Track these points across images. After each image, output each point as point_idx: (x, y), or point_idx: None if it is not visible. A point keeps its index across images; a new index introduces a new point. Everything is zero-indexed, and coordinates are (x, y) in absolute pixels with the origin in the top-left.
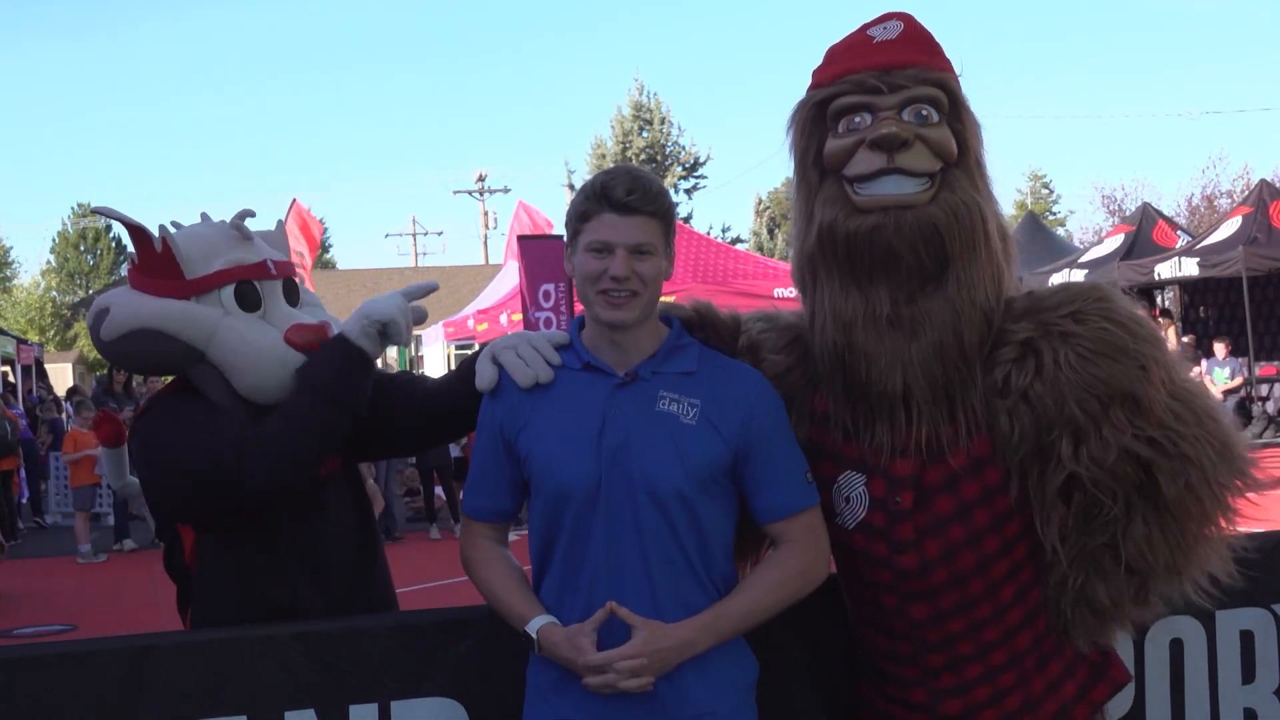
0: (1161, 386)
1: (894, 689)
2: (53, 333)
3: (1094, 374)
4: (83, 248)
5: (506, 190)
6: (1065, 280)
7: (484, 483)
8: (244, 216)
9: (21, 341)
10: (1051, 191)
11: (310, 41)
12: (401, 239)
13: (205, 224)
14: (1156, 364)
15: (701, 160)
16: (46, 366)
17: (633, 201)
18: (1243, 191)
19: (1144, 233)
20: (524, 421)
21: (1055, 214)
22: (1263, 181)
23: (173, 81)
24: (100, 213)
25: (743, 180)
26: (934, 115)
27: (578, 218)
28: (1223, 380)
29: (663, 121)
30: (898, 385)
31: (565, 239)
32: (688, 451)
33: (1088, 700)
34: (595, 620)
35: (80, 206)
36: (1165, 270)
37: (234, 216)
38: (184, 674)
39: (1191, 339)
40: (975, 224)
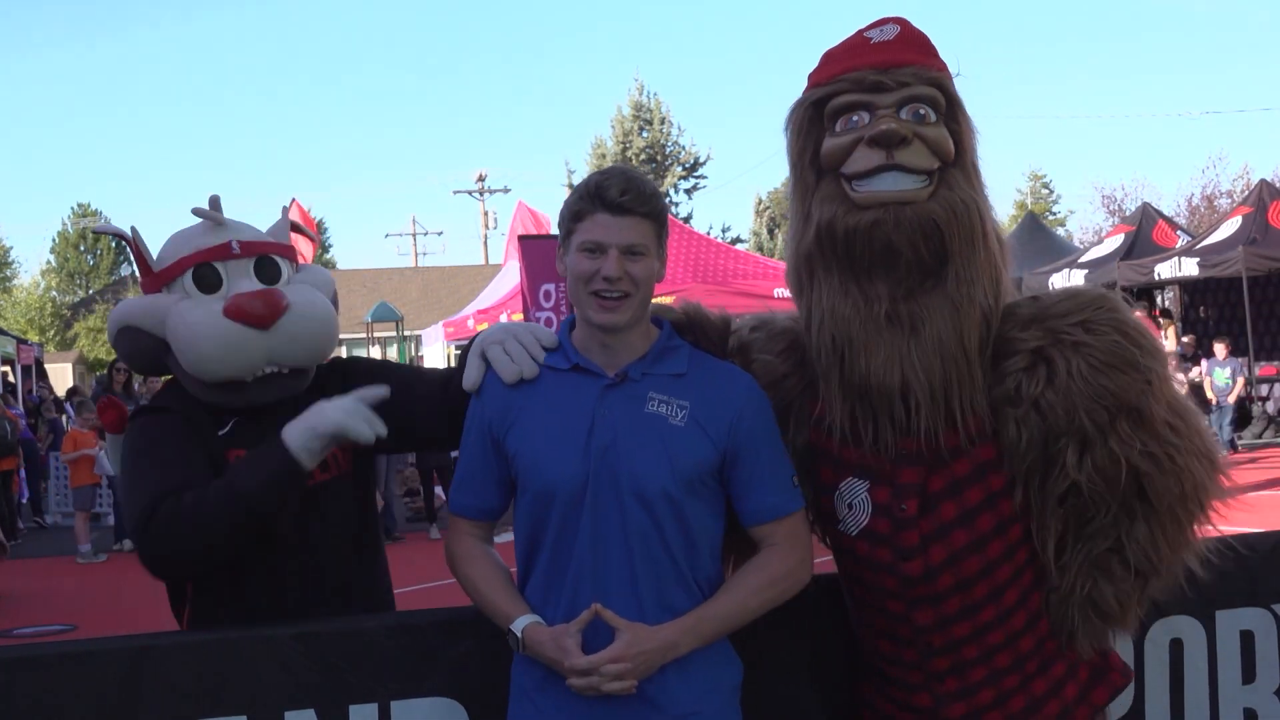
0: (1162, 400)
1: (897, 692)
2: (53, 333)
3: (1104, 385)
4: (83, 248)
5: (506, 190)
6: (1065, 280)
7: (471, 481)
8: (212, 203)
9: (21, 341)
10: (1051, 191)
11: (310, 41)
12: (401, 239)
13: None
14: (1160, 378)
15: (701, 160)
16: (46, 366)
17: (626, 202)
18: (1243, 191)
19: (1144, 233)
20: (512, 420)
21: (1055, 214)
22: (1263, 181)
23: (173, 81)
24: (100, 231)
25: (743, 180)
26: (931, 115)
27: (571, 217)
28: (1223, 380)
29: (663, 121)
30: (896, 381)
31: (558, 239)
32: (676, 453)
33: (1089, 702)
34: (580, 621)
35: (80, 206)
36: (1165, 270)
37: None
38: (184, 674)
39: (1191, 339)
40: (974, 222)
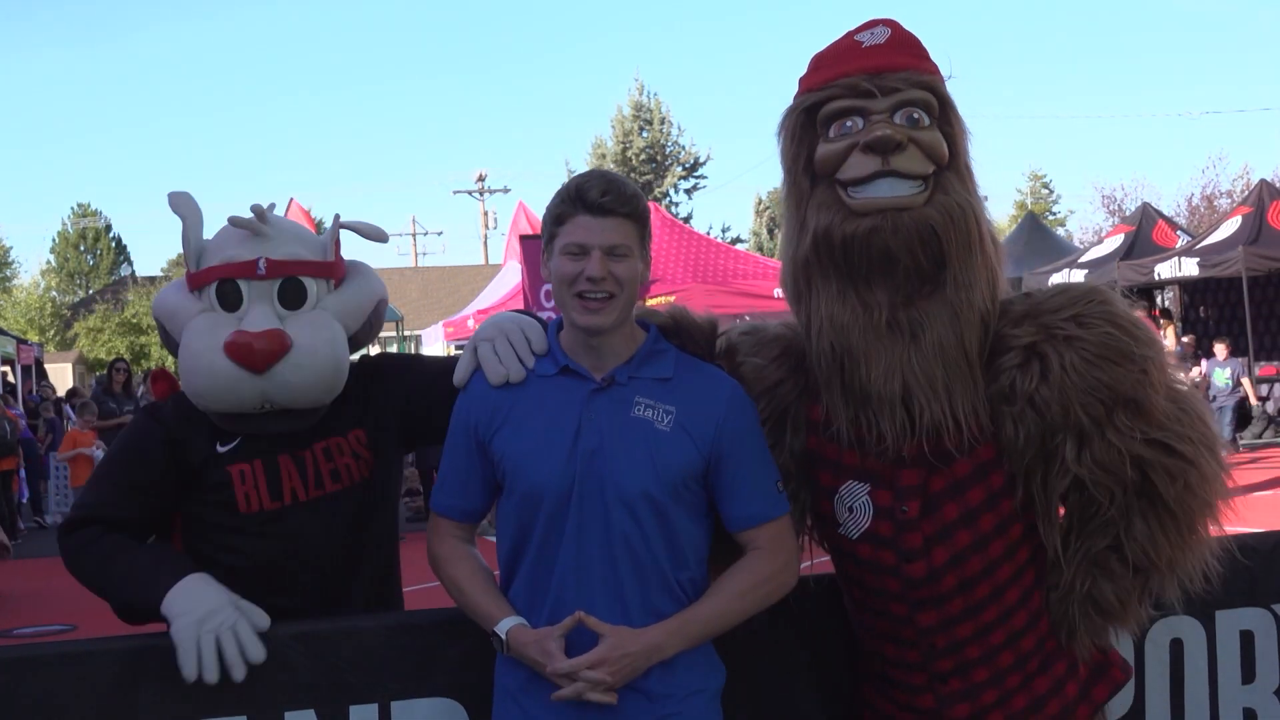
0: (1160, 389)
1: (900, 694)
2: (53, 333)
3: (1098, 377)
4: (83, 248)
5: (506, 190)
6: (1065, 280)
7: (454, 481)
8: (256, 212)
9: (21, 341)
10: (1051, 191)
11: (310, 41)
12: (401, 239)
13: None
14: (1156, 367)
15: (701, 160)
16: (46, 366)
17: (607, 203)
18: (1243, 191)
19: (1144, 233)
20: (500, 423)
21: (1055, 214)
22: (1263, 181)
23: (173, 81)
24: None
25: (743, 180)
26: (925, 119)
27: (553, 221)
28: (1223, 380)
29: (663, 121)
30: (898, 389)
31: (542, 243)
32: (661, 458)
33: (1089, 700)
34: (564, 626)
35: (80, 206)
36: (1165, 270)
37: (250, 211)
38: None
39: (1191, 339)
40: (970, 225)
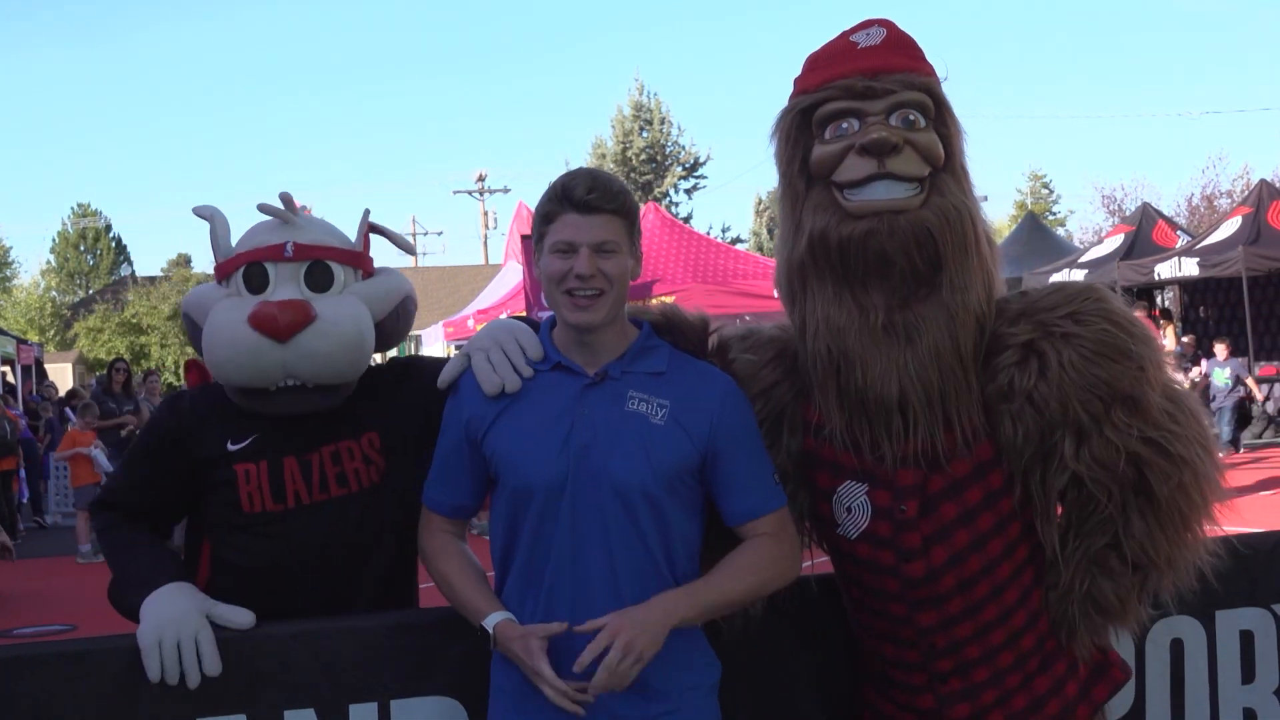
0: (1157, 386)
1: (900, 695)
2: (53, 333)
3: (1096, 374)
4: (83, 248)
5: (506, 190)
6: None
7: (445, 478)
8: (285, 199)
9: (21, 341)
10: (1051, 191)
11: (310, 41)
12: None
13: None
14: (1153, 365)
15: (701, 160)
16: (46, 366)
17: (593, 200)
18: (1243, 191)
19: (1144, 233)
20: (493, 419)
21: (1055, 214)
22: (1263, 181)
23: (172, 81)
24: (197, 213)
25: (743, 180)
26: (921, 120)
27: (542, 220)
28: (1222, 380)
29: (663, 121)
30: (894, 392)
31: (532, 243)
32: (656, 452)
33: (1089, 700)
34: (550, 629)
35: (80, 206)
36: (1165, 270)
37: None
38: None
39: (1191, 339)
40: (966, 228)
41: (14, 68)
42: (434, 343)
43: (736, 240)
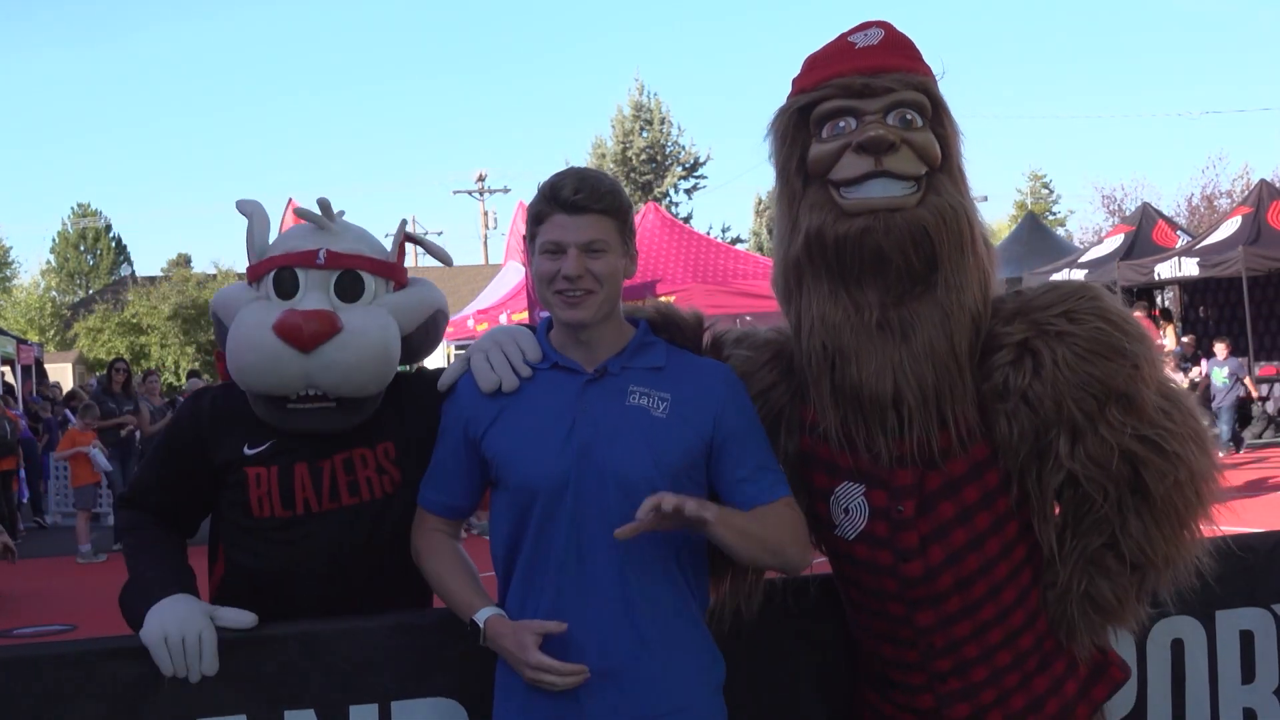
0: (1152, 384)
1: (900, 695)
2: (53, 333)
3: (1090, 373)
4: (83, 248)
5: (506, 190)
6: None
7: (442, 477)
8: (322, 205)
9: (21, 341)
10: (1051, 191)
11: (310, 41)
12: None
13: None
14: (1148, 362)
15: (701, 160)
16: (46, 366)
17: (580, 200)
18: (1243, 191)
19: (1144, 233)
20: (491, 420)
21: (1055, 214)
22: (1263, 181)
23: (173, 81)
24: (240, 208)
25: (743, 180)
26: (918, 120)
27: (533, 221)
28: (1222, 380)
29: (663, 121)
30: (888, 389)
31: (526, 243)
32: (660, 445)
33: (1089, 699)
34: (546, 626)
35: (80, 206)
36: (1165, 270)
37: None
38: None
39: (1191, 339)
40: (962, 227)
41: (14, 68)
42: None
43: (736, 240)
